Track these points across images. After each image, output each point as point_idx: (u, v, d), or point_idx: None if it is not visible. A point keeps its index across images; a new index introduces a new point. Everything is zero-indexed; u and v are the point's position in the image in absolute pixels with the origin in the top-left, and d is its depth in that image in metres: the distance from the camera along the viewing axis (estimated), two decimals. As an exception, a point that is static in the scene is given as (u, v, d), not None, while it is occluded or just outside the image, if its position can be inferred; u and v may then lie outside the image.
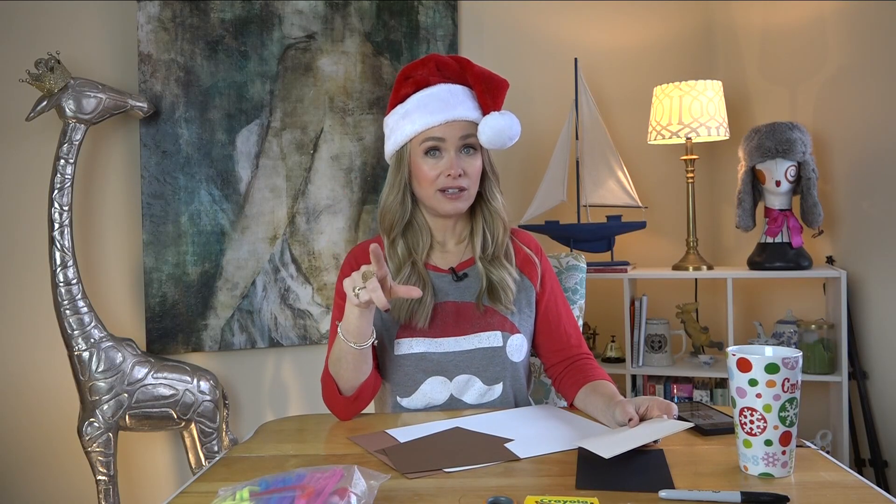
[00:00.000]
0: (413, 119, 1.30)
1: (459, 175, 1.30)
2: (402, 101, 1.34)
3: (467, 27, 2.58)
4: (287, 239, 2.35)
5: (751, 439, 0.93)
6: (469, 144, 1.32)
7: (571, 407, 1.32)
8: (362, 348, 1.21)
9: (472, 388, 1.33)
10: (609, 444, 1.00)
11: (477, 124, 1.31)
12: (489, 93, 1.30)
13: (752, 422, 0.93)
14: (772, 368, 0.91)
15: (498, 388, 1.33)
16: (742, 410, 0.94)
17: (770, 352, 0.97)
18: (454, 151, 1.30)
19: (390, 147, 1.36)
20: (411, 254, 1.36)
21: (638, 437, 1.03)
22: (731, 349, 0.96)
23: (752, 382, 0.92)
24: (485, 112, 1.31)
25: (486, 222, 1.39)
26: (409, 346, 1.32)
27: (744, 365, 0.93)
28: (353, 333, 1.19)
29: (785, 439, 0.92)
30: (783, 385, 0.91)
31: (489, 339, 1.33)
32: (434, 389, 1.33)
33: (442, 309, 1.35)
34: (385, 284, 1.12)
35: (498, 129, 1.28)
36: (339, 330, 1.21)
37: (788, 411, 0.92)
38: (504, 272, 1.35)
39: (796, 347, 2.35)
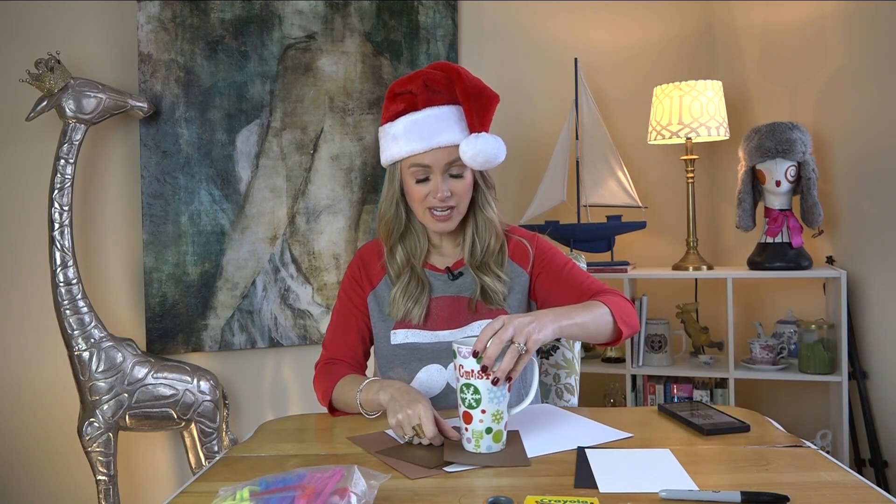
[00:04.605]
0: (400, 145, 1.32)
1: (447, 197, 1.32)
2: (391, 117, 1.35)
3: (467, 27, 2.58)
4: (287, 239, 2.35)
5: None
6: (456, 167, 1.32)
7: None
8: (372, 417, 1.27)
9: None
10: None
11: None
12: (476, 111, 1.28)
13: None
14: (453, 353, 1.05)
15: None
16: None
17: (461, 341, 1.07)
18: (440, 175, 1.31)
19: (383, 160, 1.39)
20: (409, 259, 1.40)
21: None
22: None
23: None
24: (471, 130, 1.29)
25: (478, 230, 1.40)
26: (405, 336, 1.37)
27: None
28: (374, 409, 1.25)
29: (466, 418, 1.05)
30: (459, 370, 1.05)
31: (481, 325, 1.35)
32: (431, 378, 1.35)
33: (437, 303, 1.39)
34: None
35: (473, 153, 1.27)
36: (358, 398, 1.25)
37: (466, 394, 1.04)
38: (493, 277, 1.38)
39: (796, 347, 2.35)
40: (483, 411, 1.03)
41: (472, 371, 1.03)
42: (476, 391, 1.03)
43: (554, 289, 1.39)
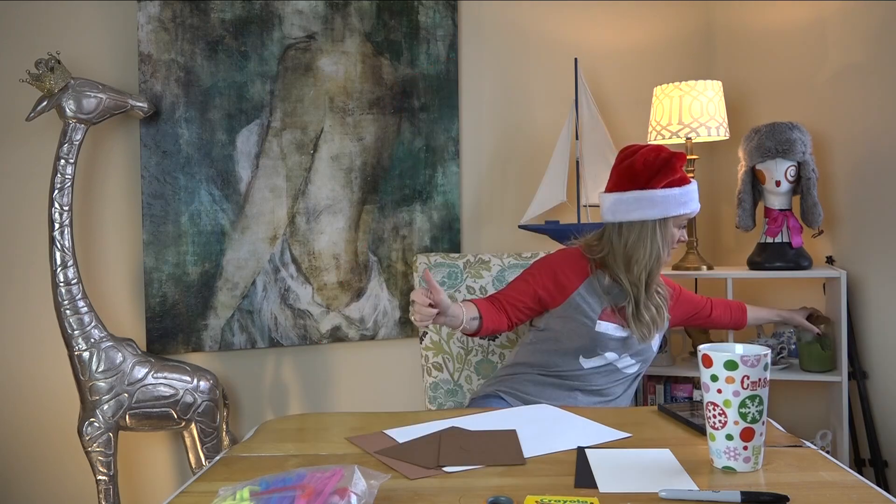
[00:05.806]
0: (688, 205, 1.77)
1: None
2: (676, 184, 1.74)
3: (467, 27, 2.58)
4: (287, 239, 2.35)
5: (714, 433, 0.96)
6: None
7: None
8: (458, 329, 1.65)
9: (628, 362, 1.80)
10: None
11: None
12: None
13: (714, 416, 0.95)
14: (730, 365, 0.93)
15: (638, 366, 1.82)
16: (707, 405, 0.97)
17: (740, 350, 0.99)
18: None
19: (655, 213, 1.73)
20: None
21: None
22: (701, 346, 0.99)
23: (714, 378, 0.95)
24: None
25: None
26: (607, 329, 1.74)
27: (706, 361, 0.96)
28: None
29: (746, 435, 0.94)
30: (742, 382, 0.93)
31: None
32: (611, 357, 1.76)
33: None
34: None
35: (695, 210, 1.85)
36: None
37: (749, 408, 0.93)
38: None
39: (795, 347, 2.35)
40: (763, 422, 0.96)
41: (760, 379, 0.94)
42: (760, 401, 0.94)
43: (687, 313, 2.03)
